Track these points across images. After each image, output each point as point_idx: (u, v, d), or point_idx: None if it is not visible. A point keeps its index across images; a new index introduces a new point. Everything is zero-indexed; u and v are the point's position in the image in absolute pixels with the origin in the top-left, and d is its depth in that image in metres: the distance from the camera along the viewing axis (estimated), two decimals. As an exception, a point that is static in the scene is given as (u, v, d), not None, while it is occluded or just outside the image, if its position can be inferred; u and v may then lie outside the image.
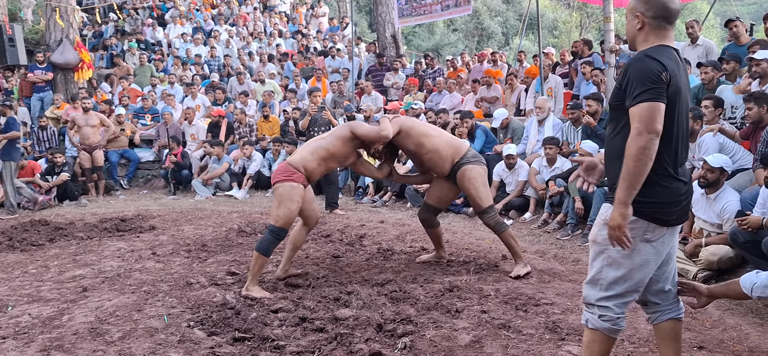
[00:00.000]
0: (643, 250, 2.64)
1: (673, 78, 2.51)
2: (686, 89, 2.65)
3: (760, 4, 34.33)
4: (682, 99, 2.59)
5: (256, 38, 18.64)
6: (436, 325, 4.02)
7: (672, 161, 2.61)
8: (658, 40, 2.60)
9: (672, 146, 2.60)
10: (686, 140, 2.71)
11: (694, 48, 8.39)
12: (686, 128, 2.68)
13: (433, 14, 11.54)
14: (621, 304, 2.72)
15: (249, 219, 8.17)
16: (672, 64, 2.54)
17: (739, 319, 4.25)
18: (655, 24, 2.59)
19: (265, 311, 4.35)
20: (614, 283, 2.69)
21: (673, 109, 2.54)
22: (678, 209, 2.65)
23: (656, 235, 2.64)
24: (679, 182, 2.64)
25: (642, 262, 2.65)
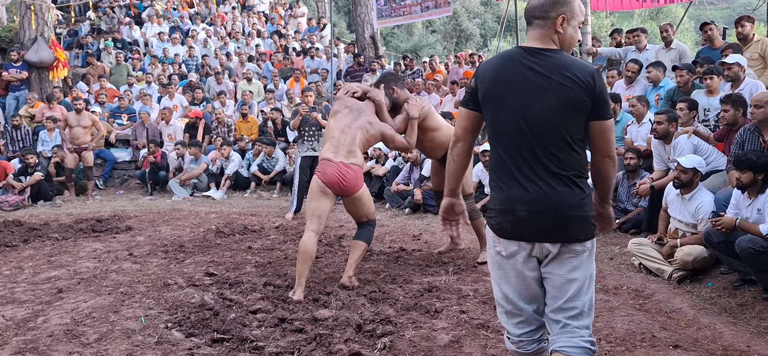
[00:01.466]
0: (498, 262, 2.56)
1: (483, 80, 2.50)
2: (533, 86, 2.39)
3: (733, 8, 34.90)
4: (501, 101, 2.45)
5: (233, 38, 18.52)
6: (415, 325, 4.03)
7: (503, 167, 2.47)
8: (527, 42, 2.50)
9: (502, 150, 2.47)
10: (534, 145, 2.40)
11: (668, 51, 8.50)
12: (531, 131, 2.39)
13: (412, 15, 11.56)
14: (513, 324, 2.57)
15: (227, 220, 8.12)
16: (491, 65, 2.51)
17: (713, 318, 4.32)
18: (529, 25, 2.53)
19: (243, 312, 4.33)
20: (498, 298, 2.63)
21: (494, 112, 2.48)
22: (513, 220, 2.43)
23: (502, 248, 2.51)
24: (515, 189, 2.42)
25: (503, 276, 2.54)
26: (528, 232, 2.42)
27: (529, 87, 2.40)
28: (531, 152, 2.40)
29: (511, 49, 2.51)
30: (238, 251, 6.30)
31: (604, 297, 4.67)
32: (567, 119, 2.39)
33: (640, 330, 3.92)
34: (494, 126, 2.51)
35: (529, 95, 2.40)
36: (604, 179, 2.56)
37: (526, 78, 2.41)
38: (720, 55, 7.27)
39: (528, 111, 2.40)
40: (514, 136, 2.43)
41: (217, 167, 11.04)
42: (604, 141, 2.46)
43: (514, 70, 2.44)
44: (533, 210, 2.39)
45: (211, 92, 14.26)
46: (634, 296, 4.85)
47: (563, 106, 2.37)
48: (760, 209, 4.60)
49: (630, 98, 7.50)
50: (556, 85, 2.37)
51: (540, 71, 2.40)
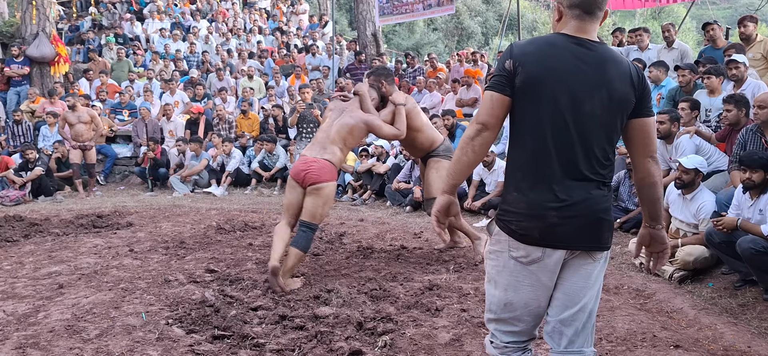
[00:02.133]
0: (513, 268, 2.31)
1: (526, 66, 2.20)
2: (583, 84, 2.21)
3: (735, 8, 34.83)
4: (552, 92, 2.20)
5: (235, 35, 18.51)
6: (416, 324, 4.03)
7: (533, 167, 2.25)
8: (573, 31, 2.26)
9: (534, 149, 2.24)
10: (577, 141, 2.22)
11: (669, 51, 8.49)
12: (579, 124, 2.21)
13: (414, 13, 11.55)
14: (504, 332, 2.38)
15: (228, 216, 8.12)
16: (535, 50, 2.24)
17: (714, 318, 4.32)
18: (571, 14, 2.26)
19: (244, 308, 4.33)
20: (494, 303, 2.39)
21: (534, 103, 2.22)
22: (541, 226, 2.22)
23: (523, 253, 2.28)
24: (546, 193, 2.22)
25: (514, 283, 2.31)
26: (559, 237, 2.23)
27: (582, 81, 2.19)
28: (571, 152, 2.21)
29: (551, 35, 2.29)
30: (238, 248, 6.29)
31: (605, 297, 4.66)
32: (615, 119, 2.24)
33: (640, 330, 3.91)
34: (530, 119, 2.23)
35: (581, 90, 2.19)
36: (652, 187, 2.35)
37: (580, 70, 2.20)
38: (722, 55, 7.26)
39: (577, 107, 2.19)
40: (555, 132, 2.21)
41: (218, 164, 11.04)
42: (649, 139, 2.32)
43: (565, 59, 2.21)
44: (568, 215, 2.20)
45: (213, 88, 14.26)
46: (634, 295, 4.85)
47: (615, 104, 2.22)
48: (762, 209, 4.60)
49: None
50: (609, 82, 2.20)
51: (593, 65, 2.21)
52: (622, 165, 6.90)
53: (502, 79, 2.24)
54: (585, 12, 2.24)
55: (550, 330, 2.37)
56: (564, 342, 2.33)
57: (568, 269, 2.30)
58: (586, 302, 2.31)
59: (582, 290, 2.30)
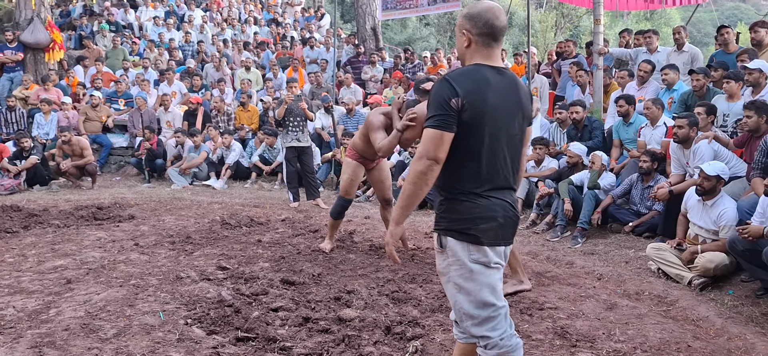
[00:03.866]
0: (479, 271, 2.51)
1: (472, 102, 2.43)
2: (507, 108, 2.54)
3: (721, 11, 35.05)
4: (490, 120, 2.47)
5: (230, 25, 18.30)
6: (443, 328, 3.94)
7: (480, 180, 2.50)
8: (482, 59, 2.53)
9: (480, 164, 2.49)
10: (507, 158, 2.56)
11: (680, 54, 8.45)
12: (510, 148, 2.57)
13: (418, 8, 11.42)
14: (489, 328, 2.54)
15: (231, 211, 7.98)
16: (473, 86, 2.46)
17: (742, 328, 4.26)
18: (481, 42, 2.52)
19: (265, 309, 4.22)
20: (472, 309, 2.54)
21: (477, 131, 2.47)
22: (493, 227, 2.50)
23: (484, 256, 2.50)
24: (492, 200, 2.51)
25: (484, 283, 2.52)
26: (504, 237, 2.57)
27: (508, 106, 2.55)
28: (504, 167, 2.56)
29: (479, 68, 2.52)
30: (247, 245, 6.17)
31: (630, 304, 4.59)
32: (522, 134, 2.68)
33: (673, 339, 3.84)
34: (474, 143, 2.49)
35: (508, 114, 2.55)
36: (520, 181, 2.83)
37: (505, 97, 2.54)
38: (735, 59, 7.22)
39: (507, 129, 2.55)
40: (494, 154, 2.52)
41: (217, 156, 10.87)
42: (528, 139, 2.86)
43: (496, 90, 2.50)
44: (508, 217, 2.56)
45: (209, 78, 14.07)
46: (657, 302, 4.79)
47: (526, 121, 2.69)
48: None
49: (644, 100, 7.43)
50: (521, 103, 2.62)
51: (510, 90, 2.56)
52: (634, 169, 6.85)
53: (450, 118, 2.44)
54: (494, 40, 2.54)
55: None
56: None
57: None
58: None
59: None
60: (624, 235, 6.58)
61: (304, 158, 8.72)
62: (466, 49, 2.57)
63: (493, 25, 2.51)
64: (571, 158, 7.38)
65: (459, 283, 2.53)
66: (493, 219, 2.50)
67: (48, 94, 12.08)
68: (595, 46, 8.70)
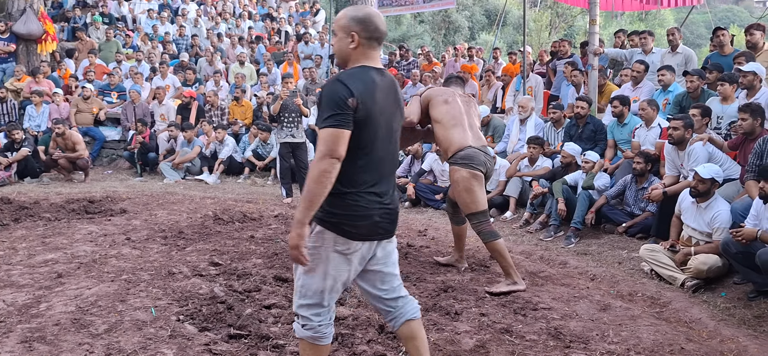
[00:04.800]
0: (334, 261, 2.68)
1: (364, 101, 2.58)
2: (390, 107, 2.73)
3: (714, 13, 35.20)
4: (378, 118, 2.65)
5: (224, 19, 18.20)
6: (437, 328, 3.93)
7: (367, 177, 2.67)
8: (366, 61, 2.68)
9: (369, 161, 2.67)
10: (390, 153, 2.79)
11: (674, 56, 8.45)
12: (390, 144, 2.77)
13: (414, 5, 11.39)
14: (318, 314, 2.75)
15: (224, 206, 7.93)
16: (365, 87, 2.60)
17: (734, 330, 4.27)
18: (368, 44, 2.68)
19: (257, 306, 4.19)
20: (311, 291, 2.72)
21: (368, 129, 2.63)
22: (368, 224, 2.68)
23: (348, 248, 2.67)
24: (371, 197, 2.68)
25: (326, 272, 2.69)
26: (377, 233, 2.72)
27: (390, 105, 2.74)
28: (388, 163, 2.77)
29: (364, 68, 2.66)
30: (240, 240, 6.13)
31: (624, 305, 4.59)
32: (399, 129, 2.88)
33: (667, 341, 3.84)
34: (365, 144, 2.64)
35: (391, 112, 2.74)
36: None
37: (387, 96, 2.71)
38: (731, 61, 7.23)
39: (390, 126, 2.75)
40: (381, 151, 2.71)
41: (210, 151, 10.82)
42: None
43: (382, 90, 2.67)
44: (387, 212, 2.73)
45: (203, 72, 14.00)
46: (650, 304, 4.79)
47: (403, 117, 2.91)
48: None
49: (639, 100, 7.43)
50: (399, 101, 2.83)
51: (391, 90, 2.75)
52: (628, 170, 6.85)
53: (347, 117, 2.56)
54: (378, 44, 2.73)
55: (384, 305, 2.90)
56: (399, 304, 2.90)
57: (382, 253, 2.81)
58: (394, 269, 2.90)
59: (393, 265, 2.90)
60: (617, 236, 6.58)
61: (299, 154, 8.68)
62: (352, 51, 2.69)
63: (380, 30, 2.69)
64: (565, 158, 7.38)
65: (312, 265, 2.67)
66: (369, 218, 2.66)
67: (40, 86, 11.98)
68: (590, 46, 8.69)
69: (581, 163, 7.16)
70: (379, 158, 2.70)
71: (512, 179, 7.94)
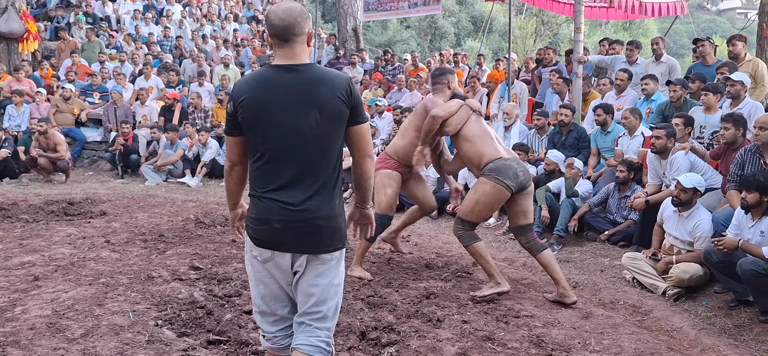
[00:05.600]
0: (254, 266, 2.68)
1: (244, 104, 2.52)
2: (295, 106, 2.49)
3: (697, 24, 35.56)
4: (272, 119, 2.51)
5: (209, 21, 18.12)
6: (418, 335, 3.90)
7: (263, 181, 2.57)
8: (278, 58, 2.58)
9: (263, 164, 2.57)
10: (298, 157, 2.53)
11: (658, 65, 8.51)
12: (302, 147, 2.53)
13: (399, 10, 11.39)
14: (269, 322, 2.74)
15: (206, 209, 7.86)
16: (248, 88, 2.54)
17: (715, 339, 4.28)
18: (274, 42, 2.59)
19: (238, 312, 4.14)
20: (255, 299, 2.74)
21: (257, 131, 2.55)
22: (267, 230, 2.55)
23: (259, 253, 2.62)
24: (271, 203, 2.53)
25: (256, 279, 2.69)
26: (283, 242, 2.56)
27: (294, 103, 2.51)
28: (296, 167, 2.54)
29: (264, 69, 2.59)
30: (221, 244, 6.08)
31: (605, 313, 4.59)
32: (330, 130, 2.55)
33: (648, 350, 3.84)
34: (257, 143, 2.56)
35: (293, 111, 2.50)
36: (366, 179, 2.72)
37: (290, 94, 2.51)
38: (714, 71, 7.28)
39: (295, 127, 2.51)
40: (279, 153, 2.53)
41: (193, 154, 10.73)
42: (364, 142, 2.66)
43: (276, 89, 2.52)
44: (289, 221, 2.52)
45: (187, 74, 13.91)
46: (632, 312, 4.80)
47: (327, 118, 2.53)
48: (764, 231, 4.58)
49: (622, 109, 7.46)
50: (320, 99, 2.51)
51: (303, 87, 2.51)
52: (611, 178, 6.87)
53: (230, 123, 2.61)
54: (281, 40, 2.54)
55: (294, 323, 2.68)
56: (300, 329, 2.64)
57: (303, 269, 2.60)
58: (319, 298, 2.61)
59: (313, 287, 2.60)
60: (600, 243, 6.59)
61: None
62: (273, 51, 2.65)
63: (274, 25, 2.53)
64: (549, 165, 7.39)
65: (248, 272, 2.73)
66: (267, 223, 2.54)
67: (20, 85, 11.83)
68: (575, 54, 8.72)
69: (564, 170, 7.18)
70: (277, 161, 2.54)
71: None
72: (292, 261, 2.59)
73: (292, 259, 2.58)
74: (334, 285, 2.65)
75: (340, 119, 2.57)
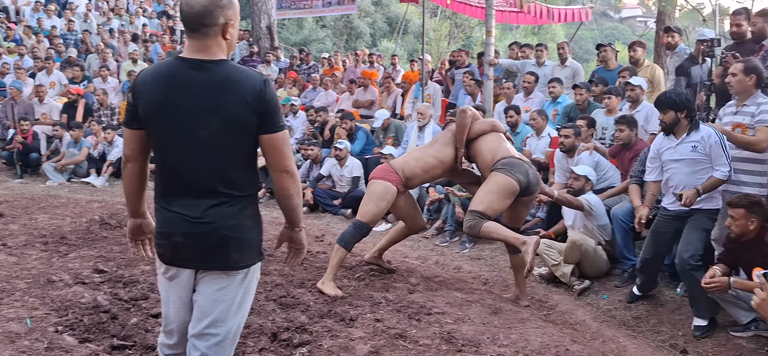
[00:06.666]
0: (161, 283, 2.50)
1: (142, 96, 2.30)
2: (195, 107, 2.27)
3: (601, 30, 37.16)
4: (167, 118, 2.29)
5: (117, 15, 17.47)
6: (331, 334, 3.89)
7: (165, 189, 2.37)
8: (187, 51, 2.33)
9: (165, 172, 2.37)
10: (200, 163, 2.31)
11: (563, 69, 8.83)
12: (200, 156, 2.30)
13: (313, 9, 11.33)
14: (166, 344, 2.54)
15: (112, 210, 7.56)
16: (149, 79, 2.32)
17: (615, 331, 4.50)
18: (186, 34, 2.35)
19: (144, 315, 4.01)
20: (163, 316, 2.54)
21: (152, 130, 2.33)
22: (169, 245, 2.34)
23: (165, 270, 2.43)
24: (172, 214, 2.32)
25: (164, 297, 2.50)
26: (185, 257, 2.35)
27: (195, 106, 2.27)
28: (194, 176, 2.31)
29: (170, 61, 2.35)
30: (128, 246, 5.85)
31: (514, 308, 4.73)
32: (234, 139, 2.31)
33: (553, 343, 3.97)
34: (158, 144, 2.35)
35: (194, 114, 2.27)
36: (286, 198, 2.41)
37: (193, 95, 2.27)
38: (615, 75, 7.63)
39: (194, 132, 2.27)
40: (177, 158, 2.31)
41: (98, 152, 10.30)
42: (278, 155, 2.34)
43: (178, 88, 2.28)
44: (191, 233, 2.30)
45: (92, 69, 13.34)
46: (538, 306, 4.97)
47: (229, 125, 2.28)
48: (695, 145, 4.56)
49: (530, 111, 7.71)
50: (223, 104, 2.26)
51: (207, 87, 2.27)
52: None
53: (129, 114, 2.37)
54: (190, 30, 2.29)
55: (188, 344, 2.42)
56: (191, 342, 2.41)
57: (202, 284, 2.38)
58: (218, 316, 2.36)
59: (213, 305, 2.36)
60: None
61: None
62: None
63: (183, 10, 2.29)
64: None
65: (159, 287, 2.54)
66: (168, 237, 2.33)
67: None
68: (486, 56, 8.94)
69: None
70: (176, 167, 2.32)
71: (410, 185, 8.03)
72: (197, 279, 2.38)
73: (196, 276, 2.38)
74: (238, 304, 2.40)
75: (245, 128, 2.30)
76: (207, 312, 2.36)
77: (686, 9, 15.23)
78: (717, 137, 4.46)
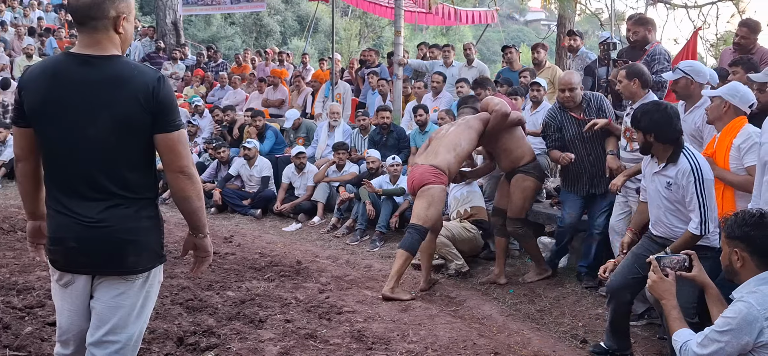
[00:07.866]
0: (54, 291, 2.37)
1: (26, 92, 2.21)
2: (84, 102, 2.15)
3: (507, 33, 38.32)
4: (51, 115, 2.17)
5: (9, 7, 16.52)
6: (240, 337, 3.83)
7: (54, 191, 2.24)
8: (80, 47, 2.20)
9: (52, 173, 2.24)
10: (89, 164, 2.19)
11: (470, 69, 9.02)
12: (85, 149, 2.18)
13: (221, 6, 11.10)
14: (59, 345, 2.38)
15: (5, 214, 7.16)
16: (35, 74, 2.22)
17: (520, 324, 4.64)
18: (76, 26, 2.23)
19: (40, 324, 3.82)
20: (58, 327, 2.38)
21: (38, 127, 2.22)
22: (62, 250, 2.23)
23: (58, 277, 2.30)
24: (64, 217, 2.20)
25: (58, 306, 2.36)
26: (79, 262, 2.23)
27: (83, 104, 2.15)
28: (84, 176, 2.19)
29: (58, 56, 2.26)
30: (23, 252, 5.55)
31: (423, 305, 4.80)
32: (126, 138, 2.19)
33: (461, 338, 4.07)
34: (45, 143, 2.23)
35: (82, 113, 2.15)
36: (184, 201, 2.29)
37: (80, 92, 2.15)
38: (518, 76, 7.88)
39: (81, 131, 2.16)
40: (66, 158, 2.19)
41: (-11, 153, 9.72)
42: (173, 155, 2.23)
43: (63, 85, 2.16)
44: (84, 238, 2.19)
45: (-19, 65, 12.57)
46: (447, 302, 5.06)
47: (120, 124, 2.16)
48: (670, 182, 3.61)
49: (438, 110, 7.85)
50: (112, 101, 2.15)
51: (94, 85, 2.15)
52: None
53: (16, 111, 2.28)
54: (79, 23, 2.18)
55: (87, 354, 2.30)
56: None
57: (99, 290, 2.27)
58: (117, 323, 2.26)
59: (112, 312, 2.26)
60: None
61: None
62: None
63: (70, 4, 2.18)
64: (372, 164, 7.60)
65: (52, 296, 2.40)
66: (60, 242, 2.21)
67: None
68: (395, 56, 9.04)
69: (387, 168, 7.40)
70: (66, 167, 2.20)
71: (320, 184, 8.01)
72: (94, 285, 2.26)
73: (93, 282, 2.26)
74: (138, 310, 2.29)
75: (137, 127, 2.17)
76: (105, 319, 2.25)
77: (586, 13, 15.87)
78: (694, 176, 3.47)
